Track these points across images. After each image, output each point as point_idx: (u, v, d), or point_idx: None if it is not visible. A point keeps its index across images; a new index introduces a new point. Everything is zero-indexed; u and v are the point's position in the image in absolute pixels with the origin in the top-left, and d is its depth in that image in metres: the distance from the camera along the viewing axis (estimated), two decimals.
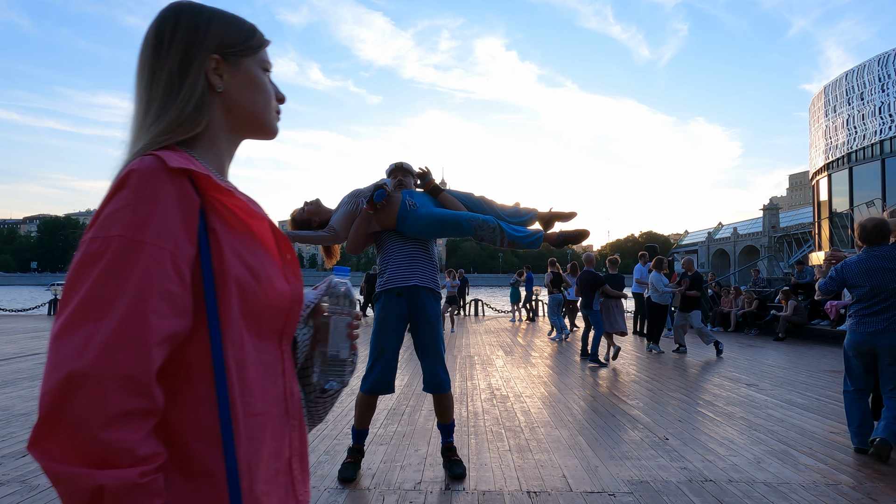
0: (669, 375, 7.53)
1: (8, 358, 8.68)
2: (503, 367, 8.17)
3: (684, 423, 4.93)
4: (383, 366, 3.50)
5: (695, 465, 3.81)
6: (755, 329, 13.51)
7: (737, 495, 3.27)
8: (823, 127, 29.42)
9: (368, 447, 4.09)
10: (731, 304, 14.37)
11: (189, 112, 0.89)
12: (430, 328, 3.54)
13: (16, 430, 4.56)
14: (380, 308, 3.57)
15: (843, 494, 3.31)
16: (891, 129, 24.83)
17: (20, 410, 5.23)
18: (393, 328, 3.52)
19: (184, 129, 0.89)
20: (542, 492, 3.30)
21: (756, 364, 8.60)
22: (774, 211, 56.37)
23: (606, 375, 7.50)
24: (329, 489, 3.33)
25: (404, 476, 3.56)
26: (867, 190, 24.87)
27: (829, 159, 28.31)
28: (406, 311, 3.54)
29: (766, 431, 4.68)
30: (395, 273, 3.53)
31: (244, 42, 0.96)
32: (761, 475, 3.62)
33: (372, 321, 3.70)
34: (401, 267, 3.53)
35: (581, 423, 4.89)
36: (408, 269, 3.53)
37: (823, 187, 28.85)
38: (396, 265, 3.54)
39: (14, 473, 3.54)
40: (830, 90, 29.26)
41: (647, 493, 3.30)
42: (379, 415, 5.02)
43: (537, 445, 4.24)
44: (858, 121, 26.62)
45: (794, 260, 23.48)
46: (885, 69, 25.56)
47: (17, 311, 19.80)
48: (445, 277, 14.99)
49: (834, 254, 4.75)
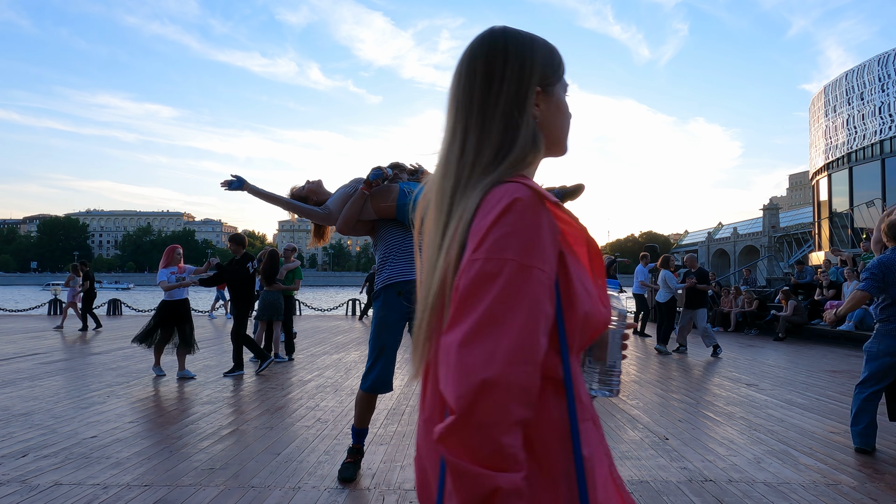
0: (669, 375, 7.53)
1: (8, 358, 8.68)
2: None
3: (684, 423, 4.93)
4: (383, 365, 3.50)
5: (695, 465, 3.81)
6: (755, 329, 13.52)
7: (737, 495, 3.27)
8: (823, 127, 29.40)
9: (368, 447, 4.09)
10: (731, 304, 14.37)
11: (531, 144, 0.96)
12: None
13: (16, 430, 4.56)
14: (380, 306, 3.55)
15: (843, 494, 3.31)
16: (891, 129, 24.81)
17: (20, 410, 5.23)
18: (393, 327, 3.52)
19: (528, 161, 0.96)
20: None
21: (756, 364, 8.60)
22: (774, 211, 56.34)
23: None
24: (329, 489, 3.33)
25: (404, 476, 3.56)
26: (867, 190, 24.85)
27: (829, 159, 28.30)
28: (406, 309, 3.53)
29: (766, 431, 4.68)
30: (395, 267, 3.52)
31: (557, 70, 1.02)
32: (761, 475, 3.62)
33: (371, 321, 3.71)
34: (399, 260, 3.53)
35: None
36: (406, 263, 3.53)
37: (823, 187, 28.84)
38: (395, 258, 3.53)
39: (14, 473, 3.54)
40: (830, 90, 29.24)
41: (647, 493, 3.30)
42: (379, 415, 5.02)
43: None
44: (858, 121, 26.60)
45: (794, 260, 23.45)
46: (885, 69, 25.54)
47: (18, 312, 19.81)
48: None
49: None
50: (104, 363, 8.12)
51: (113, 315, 19.37)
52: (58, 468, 3.64)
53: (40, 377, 7.00)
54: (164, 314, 7.00)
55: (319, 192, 3.79)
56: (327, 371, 7.63)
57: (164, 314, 7.00)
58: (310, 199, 3.75)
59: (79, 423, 4.76)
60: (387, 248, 3.57)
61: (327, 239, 3.90)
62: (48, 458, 3.83)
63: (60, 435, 4.41)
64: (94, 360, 8.41)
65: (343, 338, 12.02)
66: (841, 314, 4.54)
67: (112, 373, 7.29)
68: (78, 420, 4.88)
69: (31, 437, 4.34)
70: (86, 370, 7.53)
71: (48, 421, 4.85)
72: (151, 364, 7.27)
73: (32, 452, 3.96)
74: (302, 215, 3.74)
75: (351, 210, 3.49)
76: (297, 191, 3.81)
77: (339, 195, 3.62)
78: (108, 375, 7.12)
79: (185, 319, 7.08)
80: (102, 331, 12.96)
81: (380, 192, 3.49)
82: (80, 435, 4.42)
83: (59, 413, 5.13)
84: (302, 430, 4.60)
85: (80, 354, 9.15)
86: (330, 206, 3.61)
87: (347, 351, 9.82)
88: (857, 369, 8.08)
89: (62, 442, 4.23)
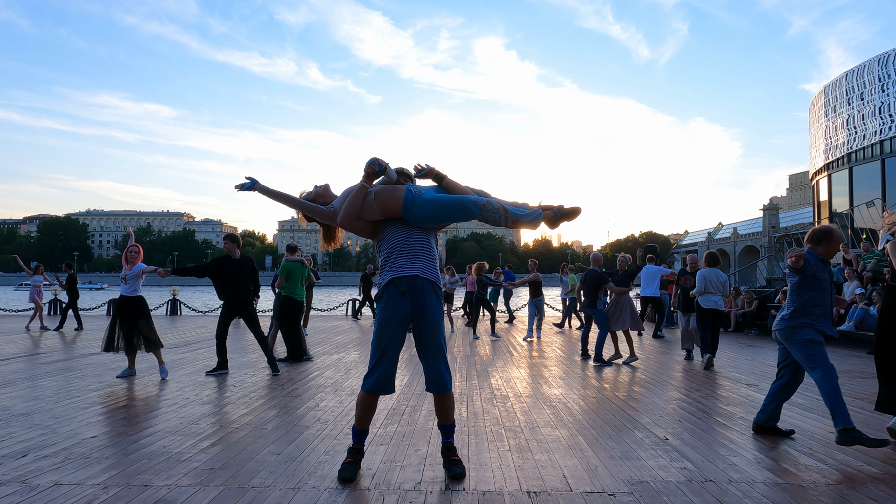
0: (669, 375, 7.53)
1: (8, 358, 8.68)
2: (503, 367, 8.17)
3: (684, 423, 4.93)
4: (385, 366, 3.49)
5: (695, 465, 3.81)
6: (755, 329, 13.52)
7: (737, 495, 3.27)
8: (823, 127, 29.38)
9: (368, 447, 4.09)
10: (731, 304, 14.37)
11: None
12: (432, 328, 3.53)
13: (16, 430, 4.56)
14: (382, 308, 3.54)
15: (843, 494, 3.30)
16: (891, 129, 24.78)
17: (20, 410, 5.23)
18: (395, 328, 3.51)
19: None
20: (542, 492, 3.30)
21: (756, 364, 8.60)
22: (774, 211, 56.30)
23: (607, 375, 7.50)
24: (329, 489, 3.33)
25: (404, 476, 3.56)
26: (867, 190, 24.84)
27: (829, 159, 28.28)
28: (409, 310, 3.51)
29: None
30: (398, 264, 3.51)
31: None
32: (761, 475, 3.61)
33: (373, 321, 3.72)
34: (402, 257, 3.53)
35: (581, 423, 4.89)
36: (409, 260, 3.53)
37: (823, 187, 28.83)
38: (398, 256, 3.53)
39: (14, 473, 3.54)
40: (830, 90, 29.22)
41: (647, 493, 3.30)
42: (379, 415, 5.02)
43: (537, 445, 4.24)
44: (858, 121, 26.58)
45: None
46: (885, 69, 25.52)
47: (18, 312, 19.81)
48: (445, 276, 14.98)
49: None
50: (104, 363, 8.13)
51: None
52: (58, 468, 3.64)
53: (40, 377, 7.00)
54: (120, 310, 7.07)
55: (326, 196, 3.87)
56: (327, 371, 7.63)
57: (121, 310, 7.06)
58: (318, 202, 3.83)
59: (79, 423, 4.76)
60: (390, 247, 3.56)
61: (338, 242, 3.95)
62: (48, 458, 3.83)
63: (60, 435, 4.41)
64: (93, 360, 8.41)
65: (343, 338, 12.02)
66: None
67: (112, 373, 7.29)
68: (78, 420, 4.88)
69: (31, 437, 4.34)
70: (86, 370, 7.53)
71: (48, 421, 4.85)
72: (156, 364, 7.28)
73: (32, 452, 3.96)
74: (309, 213, 3.80)
75: (352, 204, 3.52)
76: (305, 195, 3.89)
77: (343, 195, 3.70)
78: (108, 375, 7.12)
79: (141, 315, 7.09)
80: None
81: (385, 192, 3.51)
82: (80, 435, 4.42)
83: (59, 413, 5.14)
84: (302, 430, 4.60)
85: (80, 354, 9.15)
86: (335, 205, 3.68)
87: (347, 351, 9.82)
88: (858, 369, 8.08)
89: (62, 442, 4.22)
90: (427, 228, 3.64)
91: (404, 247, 3.54)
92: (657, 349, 10.37)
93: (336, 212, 3.64)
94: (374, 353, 3.52)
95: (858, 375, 7.58)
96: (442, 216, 3.52)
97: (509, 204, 3.60)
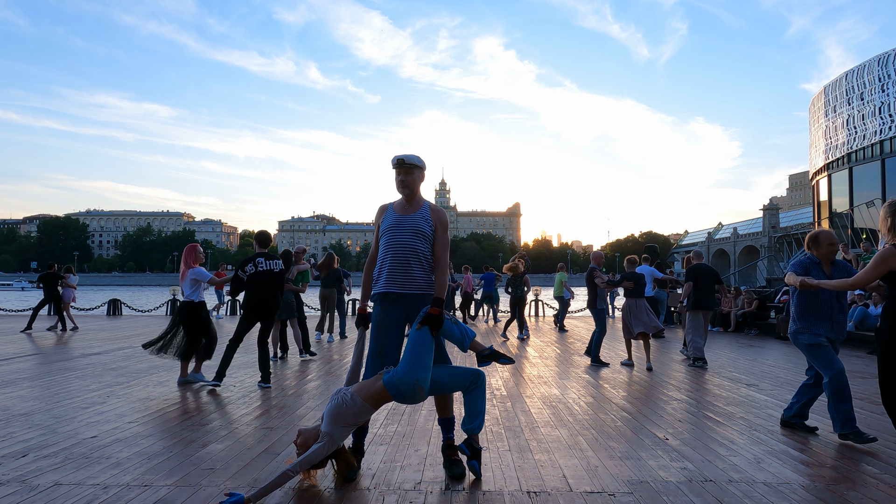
0: (670, 376, 7.53)
1: (8, 358, 8.68)
2: (503, 367, 8.17)
3: (684, 423, 4.93)
4: (383, 368, 3.50)
5: (695, 465, 3.81)
6: (755, 329, 13.52)
7: (737, 495, 3.27)
8: (823, 127, 29.38)
9: (368, 447, 4.09)
10: (731, 304, 14.37)
11: None
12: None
13: (16, 430, 4.56)
14: (377, 312, 3.60)
15: (843, 495, 3.30)
16: (891, 129, 24.78)
17: (20, 410, 5.23)
18: (392, 331, 3.55)
19: None
20: (542, 492, 3.30)
21: (756, 364, 8.61)
22: (774, 211, 56.29)
23: (607, 375, 7.50)
24: (329, 489, 3.33)
25: (404, 476, 3.56)
26: (867, 190, 24.84)
27: (829, 159, 28.27)
28: (403, 314, 3.56)
29: (766, 431, 4.68)
30: (390, 279, 3.56)
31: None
32: (761, 475, 3.61)
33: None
34: (396, 271, 3.56)
35: (581, 423, 4.89)
36: (402, 276, 3.55)
37: (823, 187, 28.82)
38: (391, 269, 3.57)
39: (14, 473, 3.54)
40: (830, 90, 29.22)
41: (647, 493, 3.30)
42: (379, 415, 5.02)
43: (537, 445, 4.23)
44: (858, 121, 26.57)
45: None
46: (885, 69, 25.52)
47: (18, 312, 19.81)
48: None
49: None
50: (104, 363, 8.13)
51: (113, 315, 19.38)
52: (58, 468, 3.64)
53: (40, 377, 7.00)
54: (185, 316, 6.57)
55: (307, 433, 3.40)
56: (328, 371, 7.63)
57: (187, 316, 6.55)
58: (308, 444, 3.35)
59: (79, 423, 4.76)
60: (383, 257, 3.64)
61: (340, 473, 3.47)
62: (48, 458, 3.83)
63: (60, 435, 4.41)
64: (94, 360, 8.41)
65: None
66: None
67: (112, 373, 7.29)
68: (78, 420, 4.88)
69: (31, 437, 4.34)
70: (86, 370, 7.53)
71: (48, 421, 4.85)
72: (153, 366, 7.25)
73: (32, 452, 3.96)
74: (314, 461, 3.28)
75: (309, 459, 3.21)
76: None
77: (328, 417, 3.31)
78: (108, 375, 7.12)
79: (207, 322, 6.69)
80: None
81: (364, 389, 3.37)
82: (80, 435, 4.42)
83: (59, 413, 5.13)
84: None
85: (79, 354, 9.14)
86: (324, 430, 3.28)
87: (348, 351, 9.82)
88: (858, 369, 8.09)
89: (62, 442, 4.22)
90: (420, 237, 3.60)
91: (396, 262, 3.57)
92: (657, 349, 10.37)
93: (331, 437, 3.26)
94: (371, 355, 3.54)
95: (858, 375, 7.58)
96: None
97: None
